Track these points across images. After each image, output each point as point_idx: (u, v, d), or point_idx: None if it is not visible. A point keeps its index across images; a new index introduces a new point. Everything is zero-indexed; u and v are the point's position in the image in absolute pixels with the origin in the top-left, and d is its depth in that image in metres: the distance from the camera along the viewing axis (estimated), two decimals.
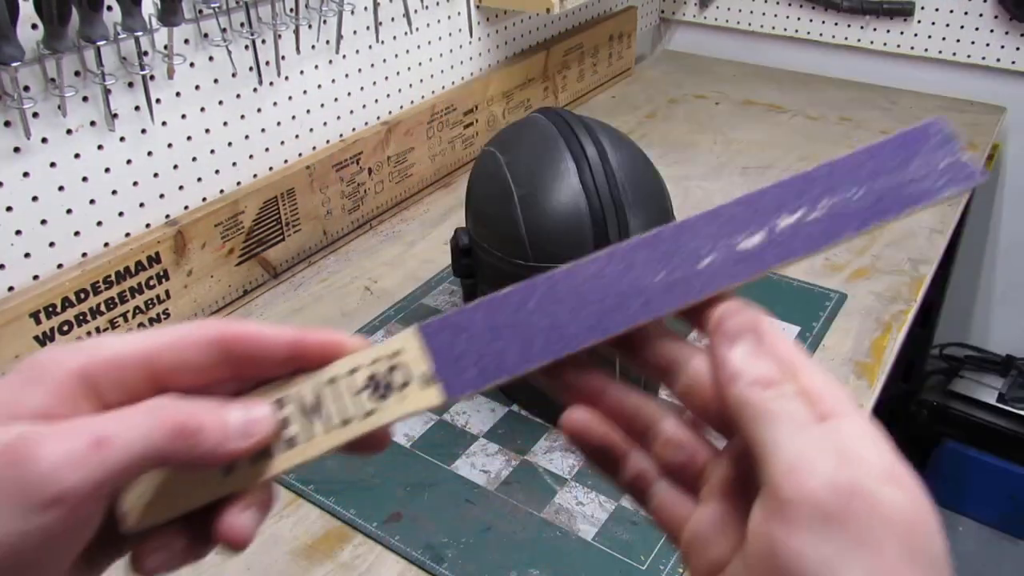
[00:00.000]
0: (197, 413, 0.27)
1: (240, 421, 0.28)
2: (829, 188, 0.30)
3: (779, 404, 0.26)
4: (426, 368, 0.30)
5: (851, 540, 0.23)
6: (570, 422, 0.32)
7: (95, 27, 0.75)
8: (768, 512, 0.25)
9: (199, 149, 0.94)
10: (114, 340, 0.28)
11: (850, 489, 0.24)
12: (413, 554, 0.69)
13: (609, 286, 0.30)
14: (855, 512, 0.24)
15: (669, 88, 1.64)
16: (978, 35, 1.51)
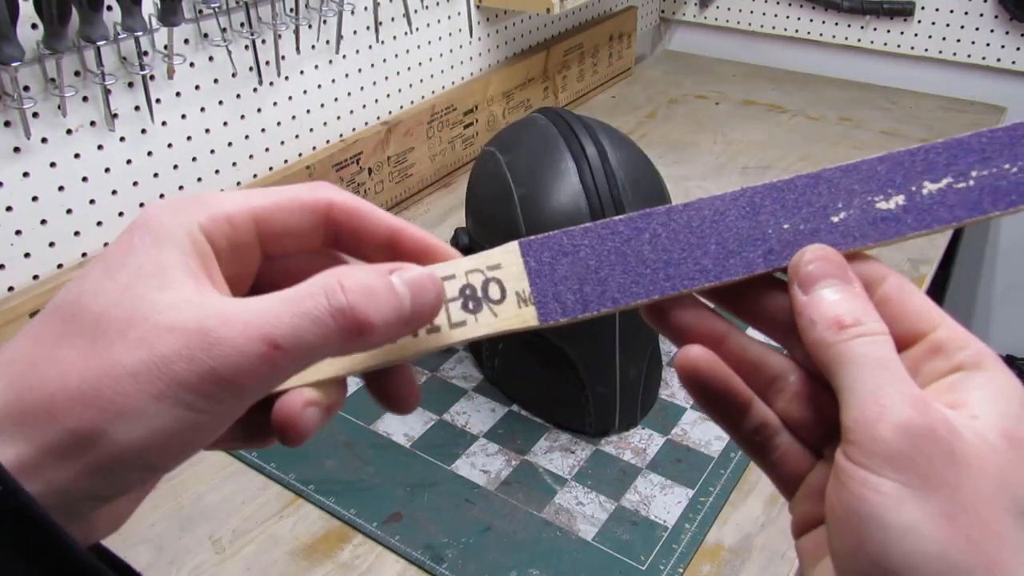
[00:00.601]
0: (369, 309, 0.25)
1: (408, 311, 0.26)
2: (983, 159, 0.28)
3: (856, 345, 0.25)
4: (524, 287, 0.28)
5: (922, 480, 0.23)
6: (687, 358, 0.29)
7: (95, 27, 0.75)
8: (843, 448, 0.25)
9: (199, 149, 0.94)
10: (224, 198, 0.27)
11: (926, 429, 0.23)
12: (413, 554, 0.69)
13: (730, 229, 0.28)
14: (928, 456, 0.23)
15: (669, 88, 1.64)
16: (978, 35, 1.51)
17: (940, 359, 0.26)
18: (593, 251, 0.28)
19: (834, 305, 0.26)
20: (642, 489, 0.75)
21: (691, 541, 0.70)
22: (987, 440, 0.24)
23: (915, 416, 0.24)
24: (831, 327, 0.26)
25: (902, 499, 0.23)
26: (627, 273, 0.28)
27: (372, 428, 0.82)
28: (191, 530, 0.70)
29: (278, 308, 0.24)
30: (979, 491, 0.23)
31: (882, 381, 0.25)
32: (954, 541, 0.23)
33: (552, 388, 0.80)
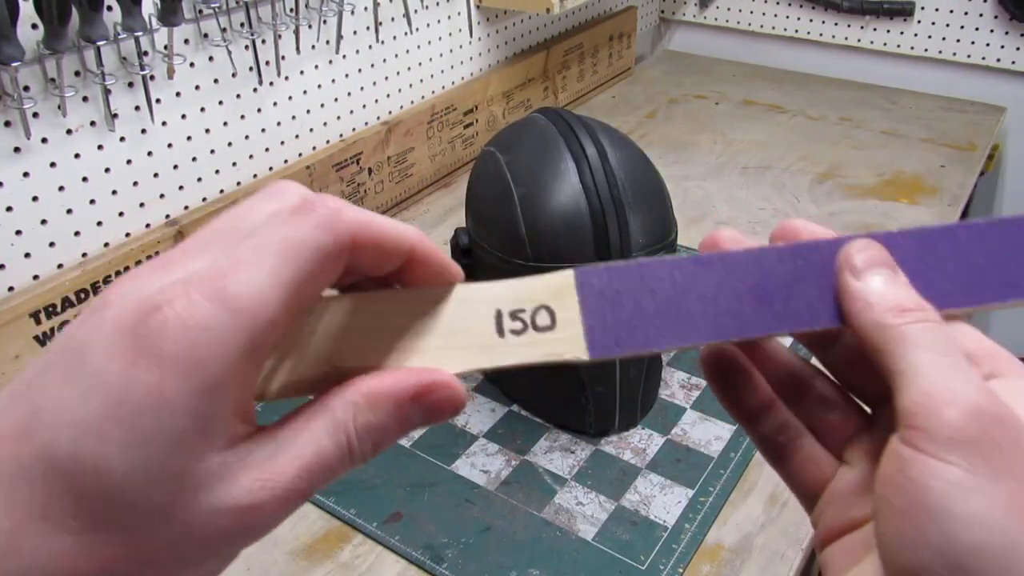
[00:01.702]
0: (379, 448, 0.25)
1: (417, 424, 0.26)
2: None
3: (918, 328, 0.25)
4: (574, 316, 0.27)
5: (989, 468, 0.22)
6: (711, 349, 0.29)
7: (95, 27, 0.75)
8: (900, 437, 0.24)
9: (199, 149, 0.94)
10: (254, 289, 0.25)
11: (995, 416, 0.23)
12: (413, 554, 0.69)
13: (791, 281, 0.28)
14: (997, 439, 0.23)
15: (669, 88, 1.64)
16: (978, 35, 1.51)
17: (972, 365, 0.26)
18: (651, 289, 0.28)
19: (893, 290, 0.26)
20: (642, 489, 0.75)
21: (691, 541, 0.70)
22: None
23: (984, 400, 0.23)
24: (892, 310, 0.25)
25: (970, 488, 0.22)
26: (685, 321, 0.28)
27: None
28: None
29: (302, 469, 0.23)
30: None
31: (950, 365, 0.24)
32: (1020, 531, 0.22)
33: (552, 388, 0.80)
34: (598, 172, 0.74)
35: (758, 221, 1.17)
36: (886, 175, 1.29)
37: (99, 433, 0.20)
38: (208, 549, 0.22)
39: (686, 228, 1.13)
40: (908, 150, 1.37)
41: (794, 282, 0.28)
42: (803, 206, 1.21)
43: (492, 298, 0.28)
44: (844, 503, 0.28)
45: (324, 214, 0.23)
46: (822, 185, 1.26)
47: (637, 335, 0.27)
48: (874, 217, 1.18)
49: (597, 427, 0.80)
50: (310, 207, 0.24)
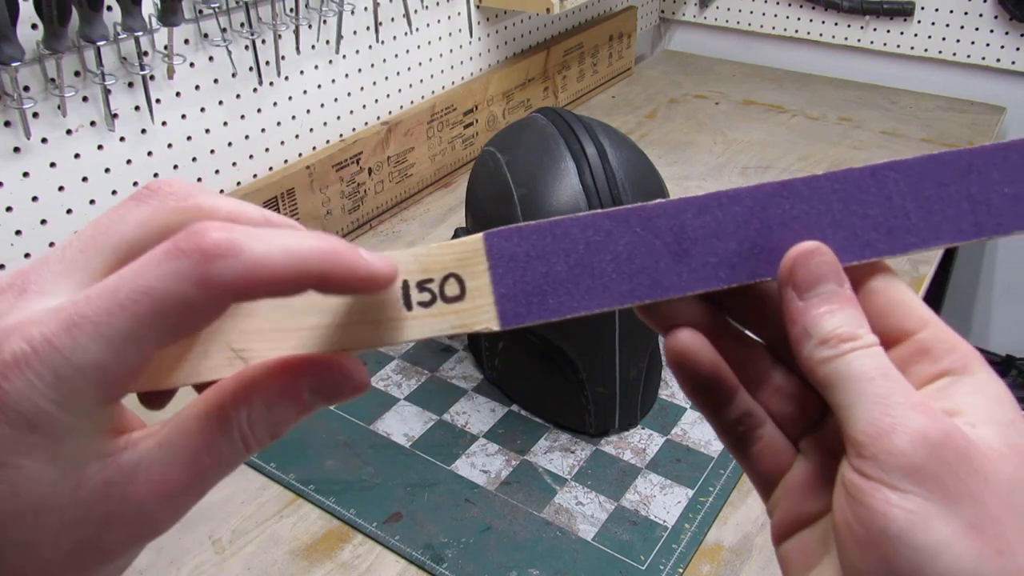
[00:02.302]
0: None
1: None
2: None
3: (856, 359, 0.24)
4: (484, 284, 0.26)
5: (946, 493, 0.22)
6: (677, 342, 0.28)
7: (95, 27, 0.75)
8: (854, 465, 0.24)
9: (199, 149, 0.94)
10: None
11: (942, 438, 0.22)
12: (413, 554, 0.69)
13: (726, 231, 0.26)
14: (950, 465, 0.22)
15: (669, 88, 1.64)
16: (978, 35, 1.51)
17: (927, 362, 0.25)
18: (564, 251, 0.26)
19: (830, 317, 0.25)
20: (642, 489, 0.75)
21: (691, 541, 0.70)
22: (995, 448, 0.23)
23: (928, 424, 0.23)
24: (827, 342, 0.25)
25: (930, 515, 0.22)
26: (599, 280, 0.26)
27: (372, 428, 0.82)
28: (191, 530, 0.70)
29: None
30: (1000, 500, 0.22)
31: (886, 391, 0.24)
32: (986, 554, 0.22)
33: (552, 388, 0.81)
34: (598, 172, 0.74)
35: None
36: None
37: None
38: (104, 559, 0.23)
39: None
40: (908, 150, 1.37)
41: (713, 236, 0.26)
42: None
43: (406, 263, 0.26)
44: (798, 496, 0.28)
45: (200, 266, 0.20)
46: None
47: (549, 301, 0.26)
48: None
49: (597, 427, 0.80)
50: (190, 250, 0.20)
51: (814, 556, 0.27)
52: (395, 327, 0.26)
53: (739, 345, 0.29)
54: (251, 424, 0.24)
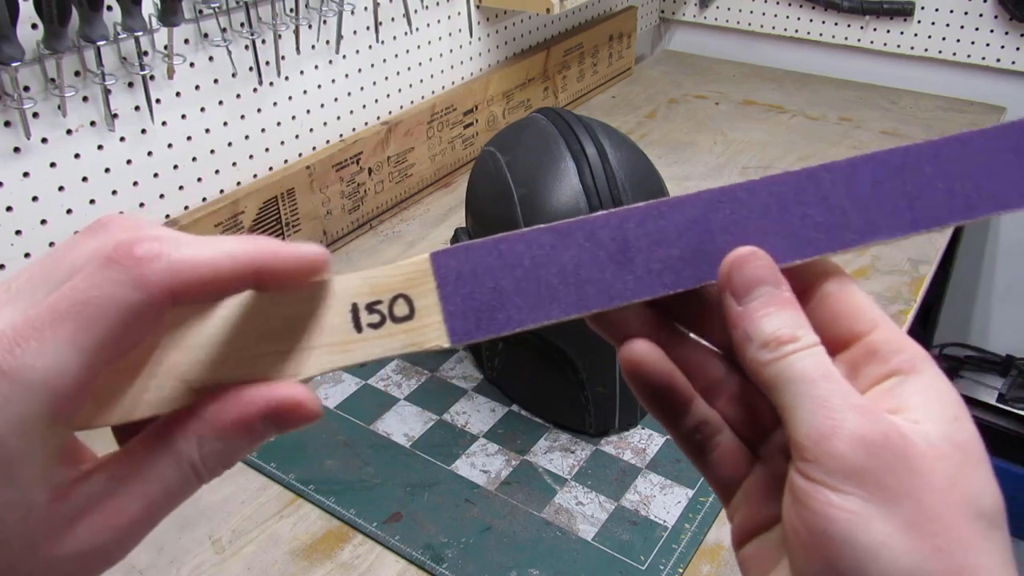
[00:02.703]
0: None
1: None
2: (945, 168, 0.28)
3: (796, 361, 0.25)
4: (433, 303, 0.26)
5: (884, 493, 0.23)
6: (631, 353, 0.28)
7: (95, 27, 0.75)
8: (798, 468, 0.24)
9: (199, 149, 0.94)
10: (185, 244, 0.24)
11: (880, 439, 0.23)
12: (413, 554, 0.69)
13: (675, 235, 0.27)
14: (887, 465, 0.23)
15: (669, 88, 1.64)
16: (978, 35, 1.51)
17: (876, 363, 0.25)
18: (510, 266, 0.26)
19: (768, 319, 0.25)
20: (642, 489, 0.75)
21: (691, 541, 0.70)
22: (935, 445, 0.23)
23: (867, 426, 0.23)
24: (767, 345, 0.25)
25: (870, 516, 0.23)
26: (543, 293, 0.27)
27: (372, 428, 0.82)
28: (191, 530, 0.70)
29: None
30: (938, 498, 0.23)
31: (826, 394, 0.24)
32: (924, 552, 0.22)
33: (552, 388, 0.81)
34: (598, 172, 0.74)
35: None
36: None
37: None
38: None
39: None
40: None
41: (655, 244, 0.27)
42: None
43: (347, 292, 0.26)
44: (756, 501, 0.28)
45: (132, 269, 0.21)
46: None
47: (498, 316, 0.26)
48: None
49: (597, 427, 0.80)
50: (121, 257, 0.21)
51: (771, 560, 0.27)
52: (345, 350, 0.26)
53: (694, 354, 0.29)
54: (203, 456, 0.24)
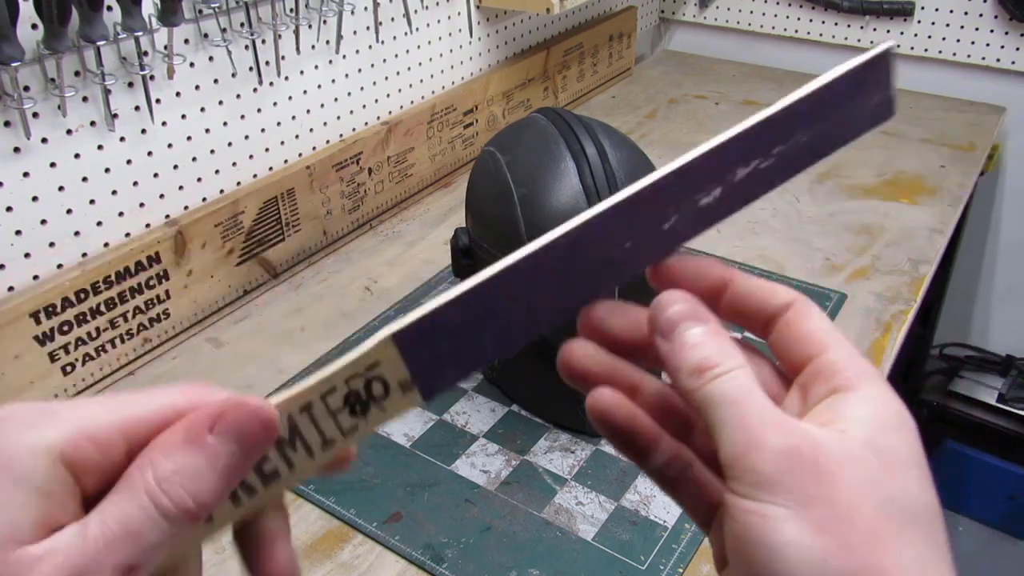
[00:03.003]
0: (196, 492, 0.25)
1: (239, 458, 0.26)
2: (782, 135, 0.30)
3: (721, 384, 0.26)
4: (404, 374, 0.29)
5: (795, 499, 0.24)
6: (596, 403, 0.30)
7: (95, 27, 0.75)
8: (727, 490, 0.26)
9: (199, 149, 0.94)
10: (86, 412, 0.25)
11: (797, 451, 0.25)
12: (413, 554, 0.69)
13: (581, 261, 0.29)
14: (798, 476, 0.25)
15: (669, 88, 1.64)
16: (978, 35, 1.51)
17: (822, 383, 0.27)
18: (464, 321, 0.29)
19: (693, 350, 0.27)
20: (642, 489, 0.75)
21: (691, 541, 0.70)
22: (851, 452, 0.25)
23: (780, 439, 0.25)
24: (693, 374, 0.27)
25: (783, 519, 0.24)
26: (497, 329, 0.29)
27: None
28: None
29: (108, 534, 0.23)
30: (850, 500, 0.24)
31: (743, 412, 0.26)
32: (831, 550, 0.24)
33: (552, 388, 0.80)
34: (598, 172, 0.74)
35: (758, 221, 1.17)
36: (886, 175, 1.29)
37: None
38: None
39: None
40: (908, 150, 1.37)
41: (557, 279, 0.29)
42: (803, 206, 1.21)
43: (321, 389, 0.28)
44: None
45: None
46: (822, 185, 1.26)
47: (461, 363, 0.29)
48: (874, 217, 1.18)
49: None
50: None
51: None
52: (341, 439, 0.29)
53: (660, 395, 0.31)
54: (159, 483, 0.24)
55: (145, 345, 0.91)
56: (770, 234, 1.14)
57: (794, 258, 1.08)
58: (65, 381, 0.84)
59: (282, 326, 0.98)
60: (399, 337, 0.28)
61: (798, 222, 1.17)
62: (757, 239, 1.13)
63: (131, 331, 0.89)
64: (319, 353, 0.92)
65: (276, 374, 0.90)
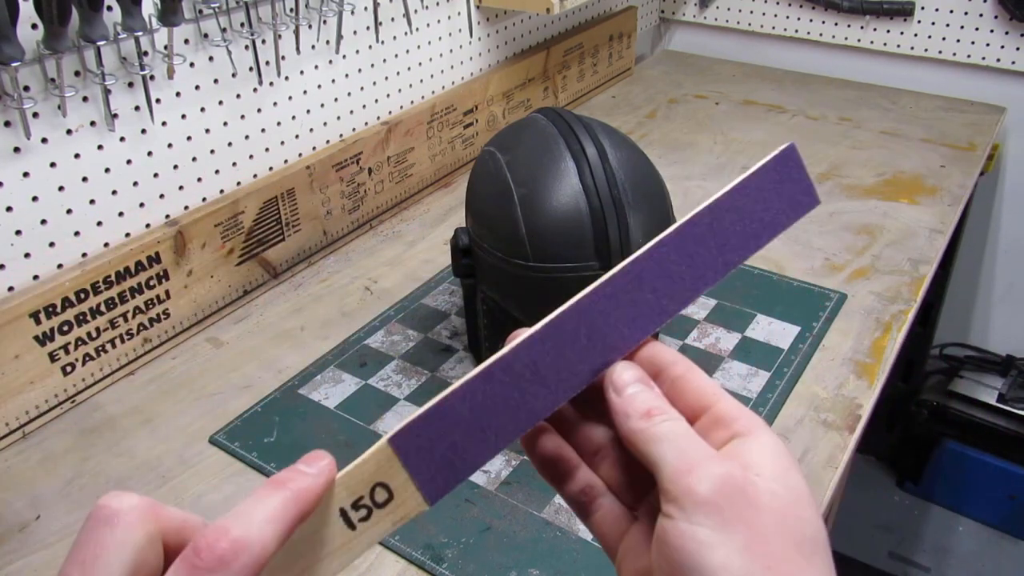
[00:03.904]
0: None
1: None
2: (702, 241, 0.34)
3: (662, 426, 0.31)
4: (405, 478, 0.30)
5: (726, 522, 0.28)
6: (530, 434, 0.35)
7: (95, 27, 0.75)
8: (663, 511, 0.29)
9: (199, 149, 0.94)
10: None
11: (728, 480, 0.28)
12: (413, 554, 0.69)
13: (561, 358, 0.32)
14: (730, 499, 0.28)
15: (669, 88, 1.64)
16: (978, 35, 1.51)
17: (721, 429, 0.31)
18: (456, 423, 0.31)
19: (641, 401, 0.32)
20: None
21: None
22: (770, 485, 0.29)
23: (716, 466, 0.29)
24: (642, 417, 0.31)
25: (715, 543, 0.27)
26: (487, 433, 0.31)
27: (372, 428, 0.82)
28: None
29: None
30: (770, 527, 0.28)
31: (685, 445, 0.30)
32: (755, 570, 0.27)
33: None
34: (598, 172, 0.74)
35: None
36: (886, 175, 1.29)
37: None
38: None
39: None
40: (908, 150, 1.37)
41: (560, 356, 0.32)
42: None
43: (332, 502, 0.30)
44: (635, 553, 0.33)
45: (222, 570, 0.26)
46: (822, 185, 1.26)
47: (460, 465, 0.31)
48: (874, 217, 1.18)
49: None
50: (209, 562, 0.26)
51: None
52: (350, 548, 0.31)
53: (584, 428, 0.36)
54: None
55: (145, 345, 0.91)
56: None
57: (794, 258, 1.08)
58: (65, 381, 0.84)
59: (282, 326, 0.98)
60: (396, 441, 0.30)
61: (798, 222, 1.17)
62: None
63: (131, 331, 0.89)
64: (319, 353, 0.92)
65: (276, 374, 0.90)
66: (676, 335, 0.94)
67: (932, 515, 1.82)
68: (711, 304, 0.99)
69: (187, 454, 0.80)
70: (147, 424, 0.84)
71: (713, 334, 0.94)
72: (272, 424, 0.83)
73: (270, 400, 0.86)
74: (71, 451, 0.81)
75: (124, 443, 0.82)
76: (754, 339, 0.94)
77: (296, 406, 0.85)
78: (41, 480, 0.77)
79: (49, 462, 0.79)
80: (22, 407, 0.81)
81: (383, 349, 0.92)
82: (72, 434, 0.83)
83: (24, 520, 0.73)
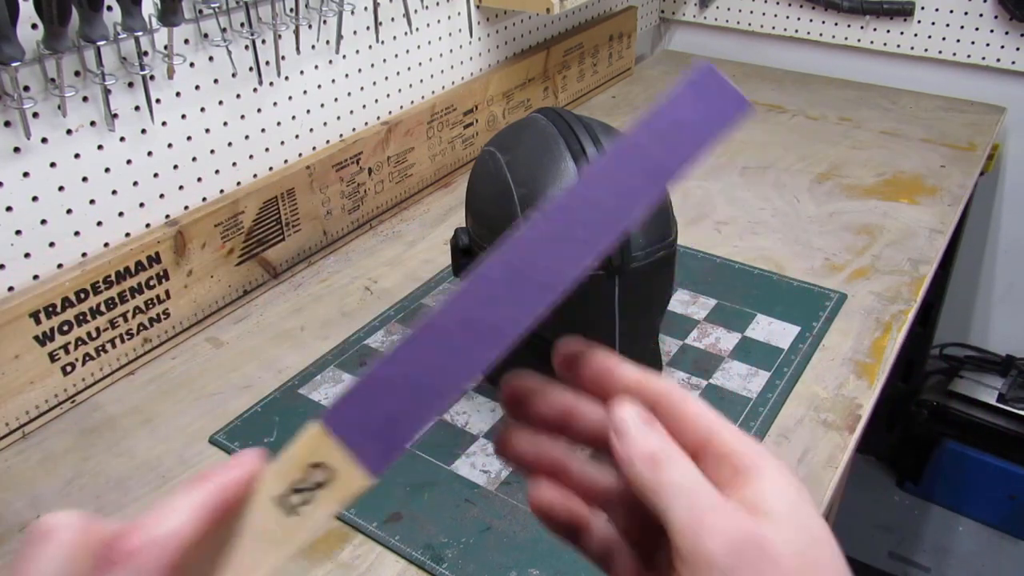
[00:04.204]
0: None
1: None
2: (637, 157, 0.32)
3: (668, 473, 0.29)
4: (342, 456, 0.29)
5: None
6: (539, 500, 0.34)
7: (95, 27, 0.75)
8: (675, 568, 0.28)
9: (199, 149, 0.94)
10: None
11: (742, 540, 0.27)
12: (413, 554, 0.69)
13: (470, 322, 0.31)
14: (743, 557, 0.27)
15: (669, 88, 1.64)
16: (978, 35, 1.51)
17: (724, 466, 0.30)
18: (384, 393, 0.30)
19: (646, 444, 0.30)
20: None
21: None
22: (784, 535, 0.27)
23: (730, 526, 0.27)
24: (646, 463, 0.30)
25: None
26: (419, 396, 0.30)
27: None
28: None
29: None
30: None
31: (695, 500, 0.28)
32: None
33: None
34: None
35: (758, 221, 1.17)
36: (886, 175, 1.29)
37: None
38: None
39: (686, 228, 1.13)
40: (908, 150, 1.37)
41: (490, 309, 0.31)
42: (803, 206, 1.21)
43: (265, 489, 0.30)
44: None
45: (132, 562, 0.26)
46: (822, 185, 1.26)
47: (400, 433, 0.29)
48: (874, 217, 1.18)
49: None
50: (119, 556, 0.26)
51: None
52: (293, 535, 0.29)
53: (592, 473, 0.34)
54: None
55: (145, 345, 0.91)
56: (770, 234, 1.14)
57: (794, 258, 1.08)
58: (65, 381, 0.84)
59: (282, 326, 0.98)
60: (328, 420, 0.30)
61: (798, 222, 1.17)
62: (757, 239, 1.13)
63: (131, 331, 0.89)
64: (319, 353, 0.92)
65: (276, 374, 0.90)
66: (676, 335, 0.94)
67: (932, 515, 1.82)
68: (711, 304, 0.99)
69: (187, 454, 0.80)
70: (147, 424, 0.84)
71: (713, 334, 0.94)
72: (272, 424, 0.83)
73: (270, 400, 0.86)
74: (71, 451, 0.81)
75: (124, 443, 0.82)
76: (754, 339, 0.94)
77: (296, 406, 0.85)
78: (41, 480, 0.77)
79: (49, 462, 0.79)
80: (22, 407, 0.81)
81: (383, 349, 0.92)
82: (72, 434, 0.83)
83: (24, 520, 0.73)
